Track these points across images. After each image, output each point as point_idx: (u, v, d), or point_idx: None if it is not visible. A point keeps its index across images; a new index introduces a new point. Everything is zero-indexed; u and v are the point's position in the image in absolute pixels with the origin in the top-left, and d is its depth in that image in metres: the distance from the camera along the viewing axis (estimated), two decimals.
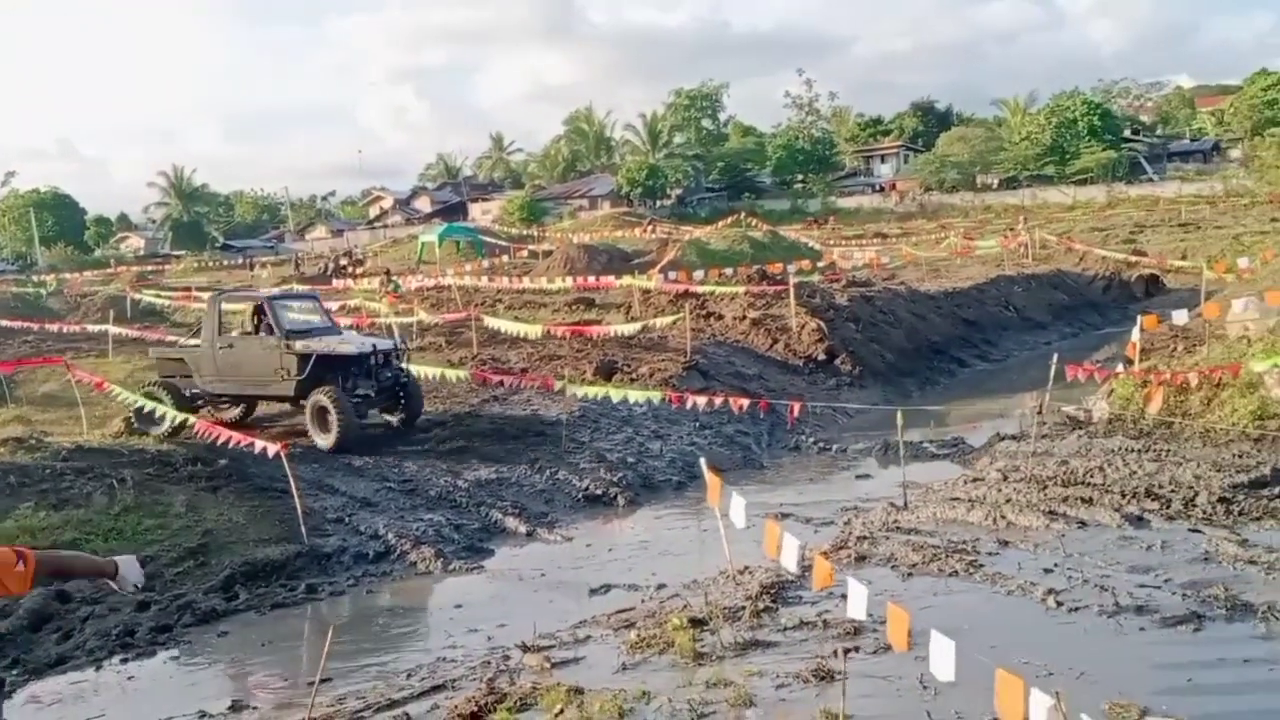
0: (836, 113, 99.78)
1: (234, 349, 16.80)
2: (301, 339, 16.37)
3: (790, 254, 41.11)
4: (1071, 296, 33.89)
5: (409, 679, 8.47)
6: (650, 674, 7.91)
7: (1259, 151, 62.64)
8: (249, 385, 16.83)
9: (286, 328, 16.51)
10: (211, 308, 17.44)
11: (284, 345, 16.20)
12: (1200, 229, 44.81)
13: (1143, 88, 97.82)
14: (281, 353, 16.23)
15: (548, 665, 8.27)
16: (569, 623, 9.52)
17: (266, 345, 16.43)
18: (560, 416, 17.07)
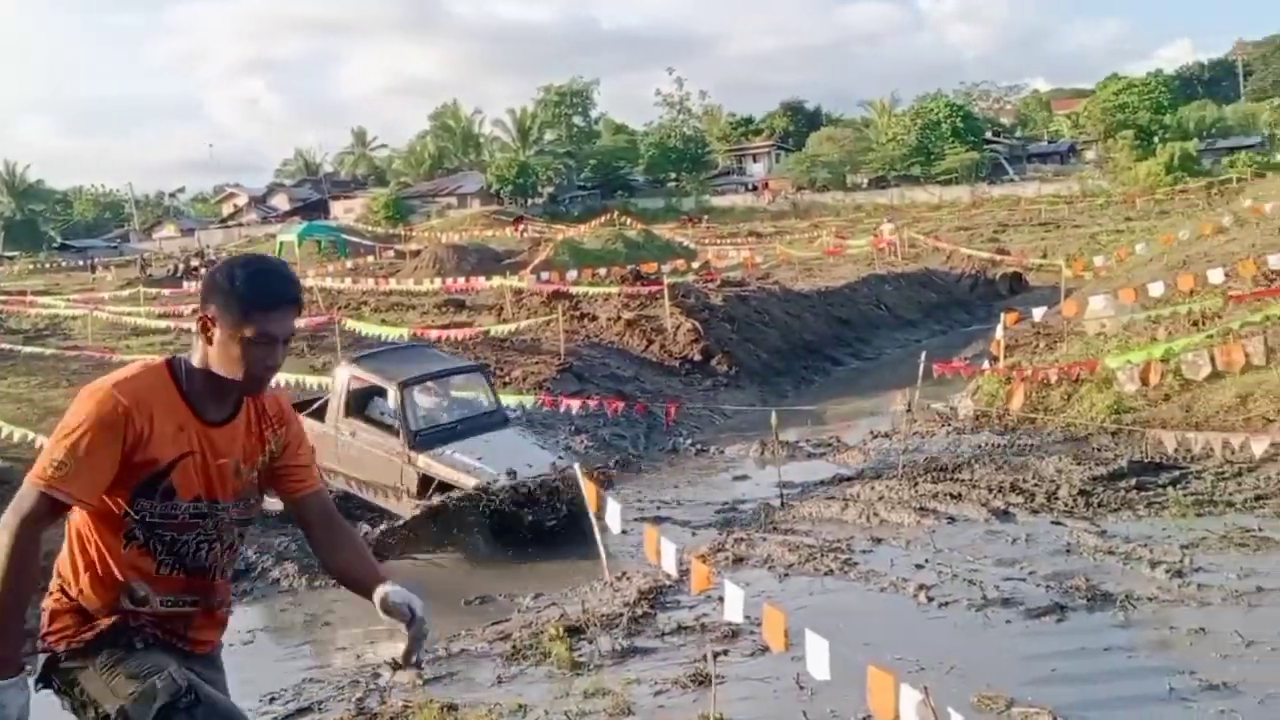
0: (708, 111, 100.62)
1: (357, 439, 12.95)
2: (432, 448, 12.44)
3: (665, 253, 41.25)
4: (940, 295, 34.69)
5: (272, 703, 8.18)
6: (527, 686, 7.80)
7: (1112, 153, 65.22)
8: (365, 488, 13.01)
9: (417, 427, 12.61)
10: (341, 379, 13.44)
11: (407, 455, 12.43)
12: (1059, 228, 46.35)
13: (1002, 90, 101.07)
14: (402, 463, 12.50)
15: (420, 682, 8.08)
16: (443, 636, 9.34)
17: (389, 448, 12.63)
18: None
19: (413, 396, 12.81)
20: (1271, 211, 24.49)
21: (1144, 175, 56.33)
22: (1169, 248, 24.43)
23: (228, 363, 3.16)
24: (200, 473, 3.22)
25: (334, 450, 12.79)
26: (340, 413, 13.06)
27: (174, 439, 3.15)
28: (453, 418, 13.12)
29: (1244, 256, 18.81)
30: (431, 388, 13.41)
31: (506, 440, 13.00)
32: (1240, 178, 49.25)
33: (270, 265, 3.28)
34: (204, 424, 3.22)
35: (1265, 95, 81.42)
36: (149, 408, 3.09)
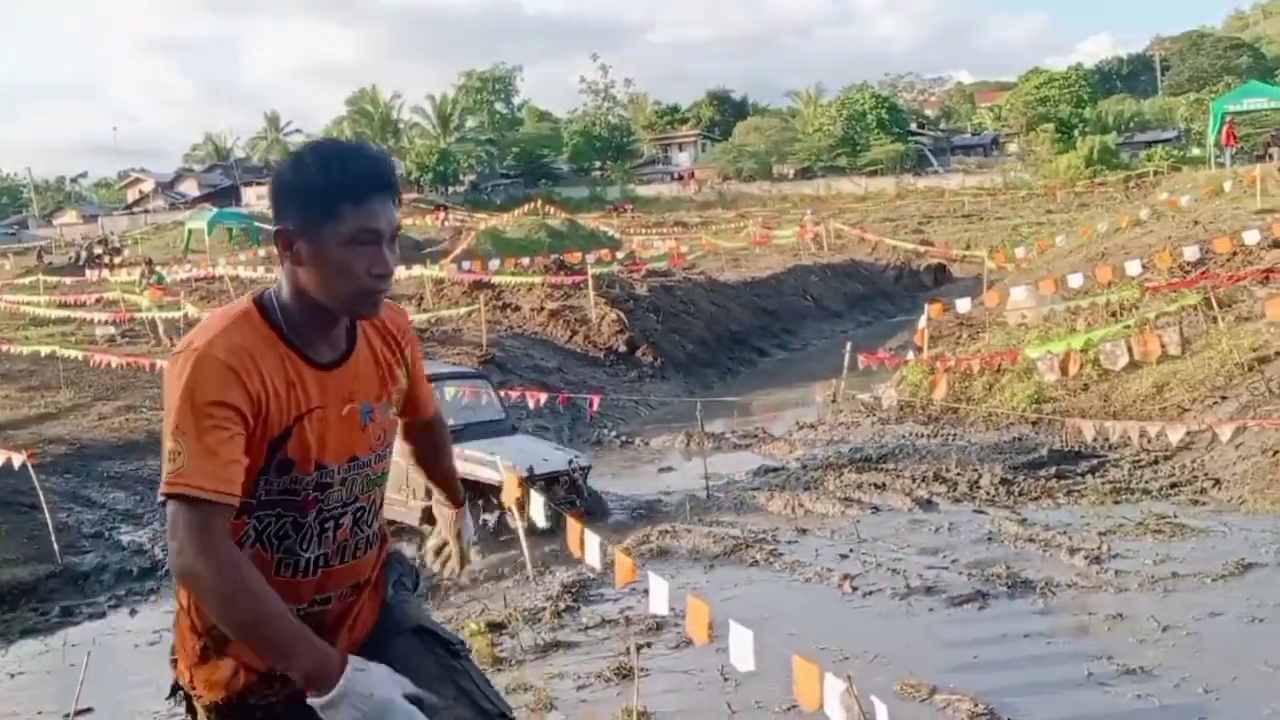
0: (633, 100, 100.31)
1: None
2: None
3: (589, 243, 41.06)
4: (866, 285, 35.03)
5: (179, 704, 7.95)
6: None
7: (1034, 146, 66.22)
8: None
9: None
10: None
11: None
12: (982, 220, 47.01)
13: (926, 83, 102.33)
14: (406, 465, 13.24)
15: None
16: None
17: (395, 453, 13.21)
18: None
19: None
20: (1187, 205, 25.00)
21: (1064, 168, 57.28)
22: (1088, 240, 24.83)
23: (325, 282, 2.42)
24: (323, 433, 2.51)
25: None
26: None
27: (287, 398, 2.44)
28: (457, 422, 12.26)
29: (1160, 249, 19.18)
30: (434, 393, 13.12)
31: (518, 442, 12.64)
32: (1157, 171, 50.20)
33: (348, 144, 2.53)
34: (317, 369, 2.51)
35: (1182, 90, 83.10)
36: (254, 364, 2.37)
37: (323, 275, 2.41)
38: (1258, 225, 19.34)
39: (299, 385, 2.46)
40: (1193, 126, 65.90)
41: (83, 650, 9.58)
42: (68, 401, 18.49)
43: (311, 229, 2.39)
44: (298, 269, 2.44)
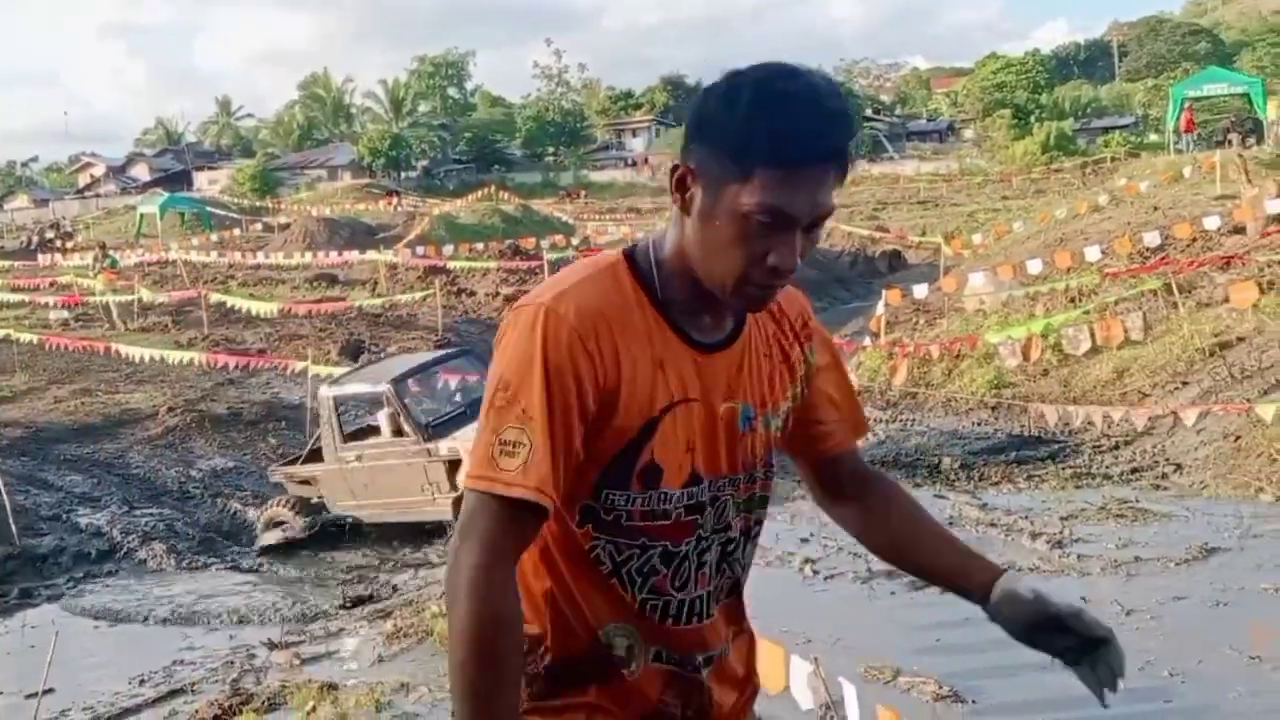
0: (587, 85, 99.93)
1: (365, 462, 11.83)
2: (449, 433, 11.35)
3: (543, 229, 40.85)
4: (821, 272, 35.00)
5: (142, 685, 7.91)
6: (410, 664, 7.55)
7: (990, 132, 66.62)
8: (395, 509, 11.88)
9: (425, 420, 11.66)
10: (325, 405, 12.20)
11: (424, 450, 11.35)
12: (938, 206, 47.20)
13: (882, 68, 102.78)
14: (423, 461, 11.44)
15: (298, 661, 7.82)
16: (322, 615, 9.06)
17: (402, 453, 11.59)
18: (303, 399, 16.21)
19: (409, 392, 11.82)
20: (1146, 190, 25.19)
21: (1021, 154, 57.61)
22: (1046, 225, 24.97)
23: (705, 252, 1.80)
24: (699, 434, 1.88)
25: (346, 486, 11.87)
26: (337, 440, 11.88)
27: (652, 382, 1.83)
28: (460, 404, 11.98)
29: (1120, 235, 19.28)
30: (425, 382, 12.50)
31: None
32: (1114, 157, 50.62)
33: (808, 85, 1.81)
34: (696, 350, 1.89)
35: (1139, 76, 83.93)
36: (608, 332, 1.80)
37: (705, 242, 1.80)
38: (1218, 211, 19.48)
39: (670, 367, 1.85)
40: (1150, 112, 66.57)
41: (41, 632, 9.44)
42: (23, 385, 18.53)
43: (713, 180, 1.78)
44: (685, 220, 1.84)
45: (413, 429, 11.35)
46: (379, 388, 11.76)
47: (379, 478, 11.60)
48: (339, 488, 11.93)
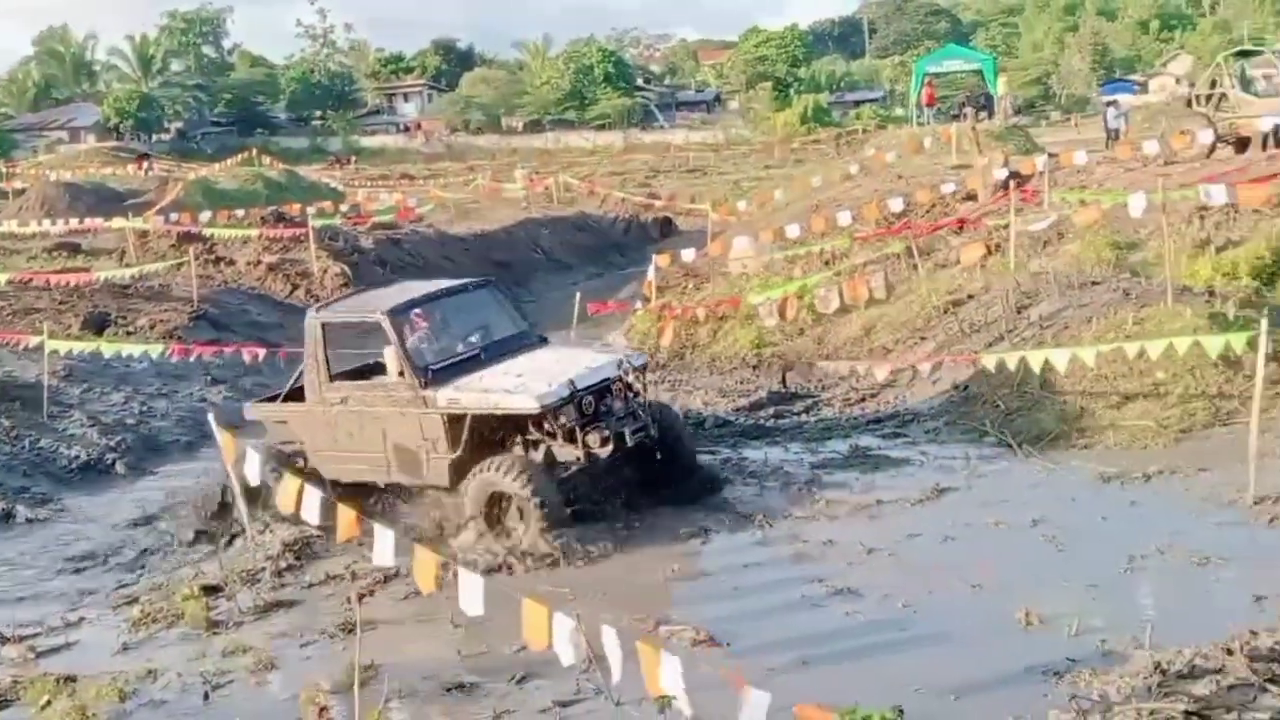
0: (355, 47, 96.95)
1: (352, 405, 9.67)
2: (451, 381, 9.27)
3: (310, 195, 39.47)
4: (596, 238, 35.34)
5: None
6: (158, 650, 7.41)
7: (753, 103, 68.57)
8: (379, 466, 9.66)
9: (426, 361, 9.44)
10: (312, 333, 9.88)
11: (420, 398, 9.23)
12: (706, 174, 48.32)
13: (652, 39, 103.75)
14: (420, 413, 9.30)
15: (31, 655, 7.44)
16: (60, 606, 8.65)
17: (395, 398, 9.43)
18: (40, 377, 15.18)
19: (409, 326, 9.75)
20: (892, 160, 26.50)
21: (782, 125, 59.62)
22: (804, 193, 25.93)
23: None
24: None
25: (329, 432, 9.74)
26: (321, 376, 9.69)
27: None
28: (470, 346, 9.89)
29: (868, 201, 20.26)
30: (436, 315, 10.14)
31: (552, 355, 9.92)
32: (865, 129, 52.95)
33: None
34: None
35: (888, 52, 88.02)
36: None
37: None
38: (954, 179, 20.76)
39: None
40: (897, 87, 69.91)
41: None
42: None
43: None
44: None
45: (410, 371, 9.18)
46: (373, 317, 9.57)
47: (367, 427, 9.47)
48: (320, 434, 9.81)
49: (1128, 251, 15.37)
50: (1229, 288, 12.83)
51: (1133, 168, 19.38)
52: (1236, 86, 22.35)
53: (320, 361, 9.68)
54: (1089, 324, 11.86)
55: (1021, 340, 12.35)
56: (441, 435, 9.06)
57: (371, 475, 9.71)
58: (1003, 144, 26.73)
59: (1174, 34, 75.49)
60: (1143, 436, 9.76)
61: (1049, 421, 10.34)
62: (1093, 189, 18.54)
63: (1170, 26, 78.26)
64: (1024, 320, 12.97)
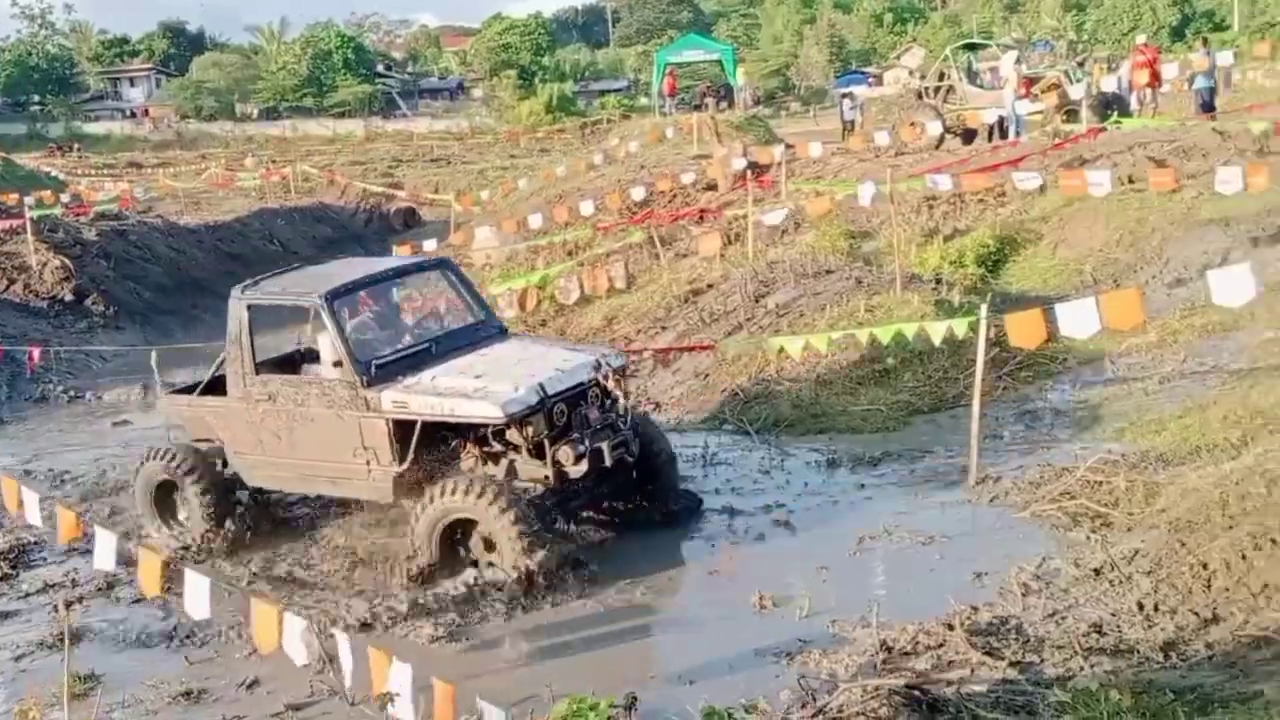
0: (76, 28, 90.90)
1: (281, 403, 8.40)
2: (396, 379, 8.02)
3: (29, 184, 36.98)
4: (336, 229, 34.34)
5: None
6: None
7: (497, 92, 68.18)
8: (310, 475, 8.54)
9: (369, 355, 8.22)
10: (237, 318, 8.62)
11: (361, 399, 7.98)
12: (450, 164, 47.67)
13: (392, 24, 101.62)
14: (360, 416, 8.04)
15: None
16: None
17: (331, 398, 8.15)
18: None
19: (350, 314, 8.55)
20: (635, 149, 26.94)
21: (527, 114, 59.53)
22: (549, 183, 26.05)
23: None
24: None
25: (252, 431, 8.51)
26: (246, 367, 8.49)
27: None
28: (420, 338, 8.64)
29: (611, 191, 20.53)
30: (377, 300, 8.95)
31: (515, 350, 8.64)
32: (610, 118, 53.51)
33: None
34: None
35: (631, 42, 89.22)
36: None
37: None
38: (694, 169, 21.29)
39: None
40: (641, 77, 70.92)
41: None
42: None
43: None
44: None
45: (350, 366, 7.96)
46: (309, 300, 8.35)
47: (297, 429, 8.27)
48: (243, 435, 8.59)
49: (861, 241, 16.17)
50: (956, 275, 13.70)
51: (866, 159, 20.29)
52: (963, 79, 23.84)
53: (245, 351, 8.45)
54: (823, 312, 12.44)
55: (759, 328, 12.80)
56: (385, 444, 7.86)
57: (300, 485, 8.77)
58: (742, 134, 27.53)
59: (907, 27, 79.20)
60: (873, 420, 10.27)
61: (785, 408, 10.78)
62: (828, 179, 19.40)
63: (903, 20, 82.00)
64: (761, 309, 13.43)
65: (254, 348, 8.52)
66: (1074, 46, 46.89)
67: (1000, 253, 14.43)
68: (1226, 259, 10.32)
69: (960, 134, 22.58)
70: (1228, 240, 12.29)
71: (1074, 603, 6.25)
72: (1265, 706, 4.50)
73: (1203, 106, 20.45)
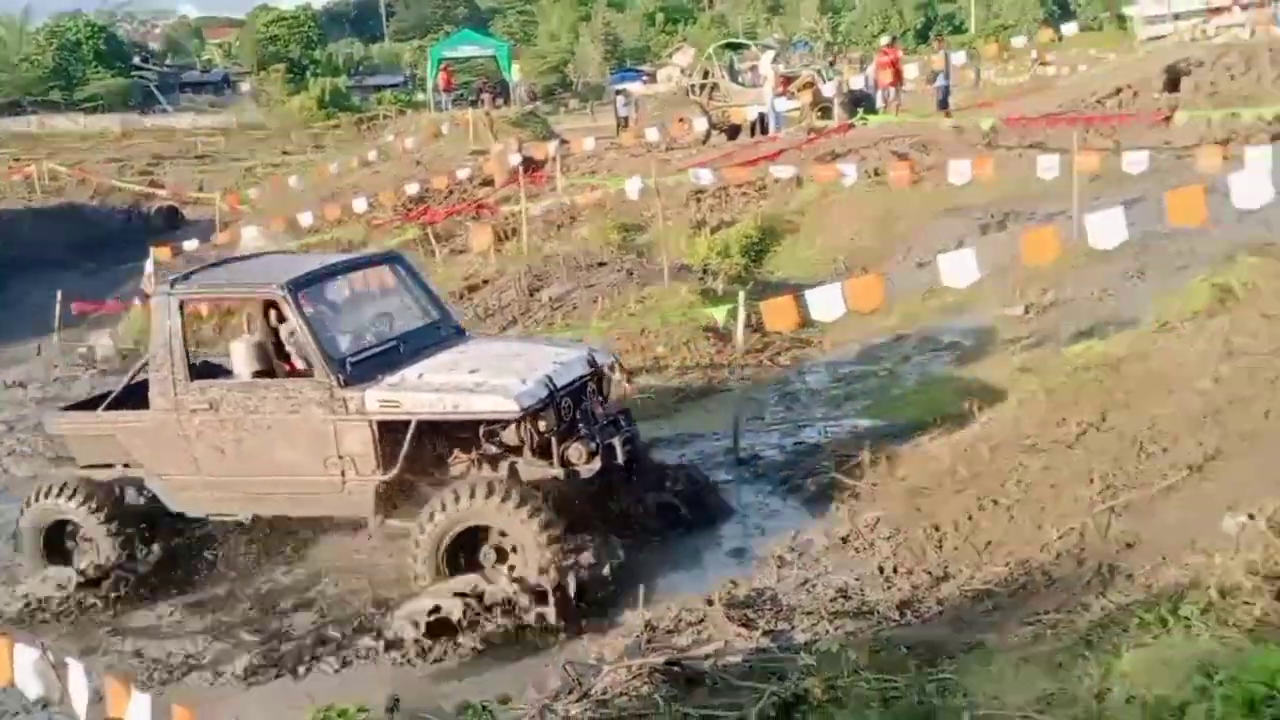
0: None
1: (228, 412, 7.38)
2: (377, 379, 7.20)
3: None
4: (89, 232, 32.61)
5: None
6: None
7: (266, 86, 65.99)
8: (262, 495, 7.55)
9: (342, 354, 7.34)
10: (165, 317, 7.57)
11: (340, 401, 7.12)
12: (217, 161, 45.84)
13: (149, 14, 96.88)
14: (336, 420, 7.17)
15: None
16: None
17: (297, 401, 7.24)
18: None
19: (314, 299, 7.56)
20: (411, 145, 26.68)
21: (298, 109, 57.77)
22: (321, 180, 25.48)
23: None
24: None
25: (183, 448, 7.47)
26: (179, 375, 7.45)
27: None
28: (383, 336, 7.82)
29: (386, 187, 20.30)
30: (334, 297, 8.00)
31: (497, 347, 8.22)
32: (386, 115, 52.56)
33: None
34: None
35: (408, 37, 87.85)
36: None
37: None
38: (471, 165, 21.29)
39: None
40: (418, 72, 69.98)
41: None
42: None
43: None
44: None
45: (322, 366, 7.12)
46: (266, 291, 7.46)
47: (247, 441, 7.33)
48: (171, 454, 7.54)
49: (634, 233, 16.53)
50: (723, 264, 14.20)
51: (638, 154, 20.75)
52: (725, 78, 24.68)
53: (176, 355, 7.44)
54: (595, 304, 12.70)
55: (534, 322, 12.97)
56: (367, 450, 7.06)
57: (247, 506, 7.67)
58: (519, 130, 27.68)
59: (678, 27, 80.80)
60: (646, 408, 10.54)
61: None
62: (601, 174, 19.74)
63: (674, 19, 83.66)
64: (537, 302, 13.60)
65: (187, 351, 7.59)
66: (830, 47, 49.03)
67: (763, 243, 15.05)
68: (962, 244, 11.03)
69: (726, 130, 23.39)
70: (962, 227, 13.21)
71: (823, 571, 6.65)
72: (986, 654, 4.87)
73: (940, 104, 21.88)
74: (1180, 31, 28.59)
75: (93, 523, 7.64)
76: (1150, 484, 5.73)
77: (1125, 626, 4.38)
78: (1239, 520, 4.77)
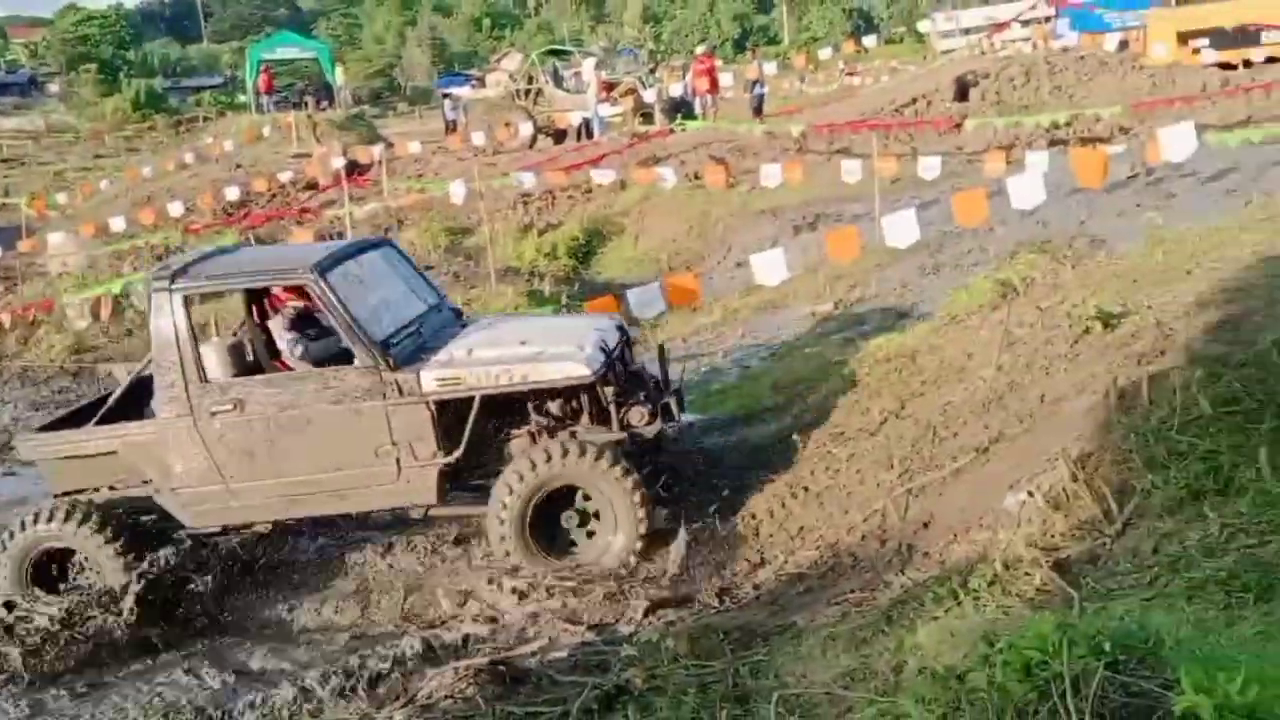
0: None
1: (254, 410, 6.84)
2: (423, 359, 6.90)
3: None
4: None
5: None
6: None
7: (76, 87, 63.37)
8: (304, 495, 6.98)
9: (384, 334, 6.92)
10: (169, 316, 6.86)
11: (392, 384, 6.75)
12: (24, 164, 43.82)
13: None
14: (390, 405, 6.77)
15: None
16: None
17: (339, 391, 6.78)
18: None
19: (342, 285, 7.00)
20: (231, 148, 26.02)
21: (112, 111, 55.65)
22: (135, 183, 24.66)
23: None
24: None
25: (203, 456, 6.89)
26: (190, 377, 6.86)
27: None
28: (402, 318, 7.37)
29: (204, 191, 19.78)
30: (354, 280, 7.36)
31: (510, 326, 7.81)
32: (206, 116, 51.07)
33: None
34: None
35: (226, 38, 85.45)
36: None
37: None
38: (293, 168, 20.93)
39: None
40: (239, 73, 68.09)
41: None
42: None
43: None
44: None
45: (365, 350, 6.75)
46: (294, 277, 7.01)
47: (282, 440, 6.87)
48: (188, 463, 6.97)
49: (462, 236, 16.54)
50: (550, 266, 14.35)
51: (465, 157, 20.77)
52: (549, 83, 24.87)
53: (186, 353, 6.85)
54: None
55: None
56: (427, 433, 6.78)
57: (287, 509, 7.16)
58: (344, 133, 27.30)
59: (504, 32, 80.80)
60: None
61: None
62: (428, 177, 19.67)
63: (501, 25, 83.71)
64: None
65: (198, 348, 6.95)
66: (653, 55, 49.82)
67: (589, 244, 15.29)
68: (776, 244, 11.44)
69: (552, 134, 23.63)
70: (776, 228, 13.69)
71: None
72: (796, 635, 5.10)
73: (755, 110, 22.62)
74: (970, 45, 30.06)
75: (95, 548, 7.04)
76: (942, 466, 6.08)
77: (921, 601, 4.60)
78: (1019, 498, 5.10)
